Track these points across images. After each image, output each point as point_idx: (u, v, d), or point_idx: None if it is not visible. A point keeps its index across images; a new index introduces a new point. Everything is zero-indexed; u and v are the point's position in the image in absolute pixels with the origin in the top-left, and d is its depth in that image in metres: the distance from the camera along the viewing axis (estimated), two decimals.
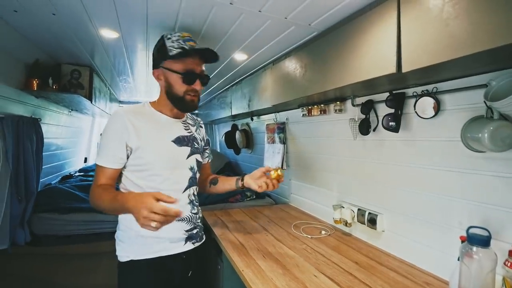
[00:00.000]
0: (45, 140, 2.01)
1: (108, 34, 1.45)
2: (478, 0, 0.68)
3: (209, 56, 1.08)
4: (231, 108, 2.64)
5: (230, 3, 1.07)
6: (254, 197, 2.36)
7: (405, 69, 0.87)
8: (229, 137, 3.32)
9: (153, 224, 0.80)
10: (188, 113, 1.25)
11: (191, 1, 1.08)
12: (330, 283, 1.04)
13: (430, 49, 0.79)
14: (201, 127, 1.30)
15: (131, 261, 1.04)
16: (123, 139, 1.00)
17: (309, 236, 1.51)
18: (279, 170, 1.21)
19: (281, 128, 2.18)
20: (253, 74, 2.08)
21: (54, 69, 2.01)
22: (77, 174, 3.08)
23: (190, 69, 1.04)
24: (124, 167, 1.05)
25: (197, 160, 1.17)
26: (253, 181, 1.23)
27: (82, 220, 1.85)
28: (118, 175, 1.07)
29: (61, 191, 2.02)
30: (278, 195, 2.42)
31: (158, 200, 0.81)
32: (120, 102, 3.88)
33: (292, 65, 1.53)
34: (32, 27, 1.41)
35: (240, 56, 1.71)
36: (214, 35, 1.40)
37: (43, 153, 1.99)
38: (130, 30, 1.40)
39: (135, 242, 1.05)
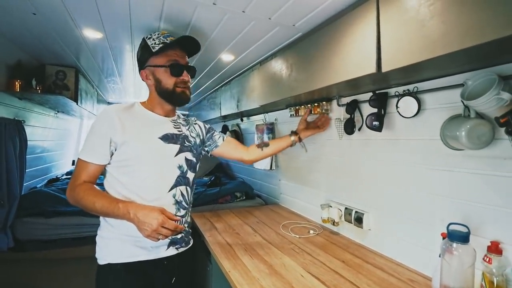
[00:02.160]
0: (30, 143, 1.97)
1: (92, 34, 1.43)
2: (452, 2, 0.70)
3: (191, 45, 1.12)
4: (220, 109, 2.64)
5: (213, 3, 1.07)
6: (244, 198, 2.36)
7: (384, 69, 0.88)
8: None
9: (160, 237, 0.93)
10: (181, 114, 1.24)
11: (174, 1, 1.07)
12: (316, 282, 1.04)
13: (407, 49, 0.81)
14: (195, 124, 1.28)
15: (109, 264, 1.01)
16: (108, 135, 0.99)
17: (297, 236, 1.52)
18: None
19: (270, 128, 2.18)
20: (241, 75, 2.08)
21: (38, 70, 1.97)
22: (64, 177, 3.02)
23: (175, 61, 1.07)
24: (109, 163, 1.03)
25: (186, 159, 1.13)
26: (307, 131, 1.48)
27: (68, 224, 1.82)
28: (101, 173, 1.05)
29: (46, 195, 1.97)
30: (268, 195, 2.42)
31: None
32: (109, 103, 3.83)
33: (278, 66, 1.54)
34: (12, 27, 1.38)
35: (227, 57, 1.71)
36: (199, 36, 1.40)
37: (28, 156, 1.95)
38: (114, 31, 1.38)
39: (114, 245, 1.02)
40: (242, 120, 2.80)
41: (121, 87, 2.86)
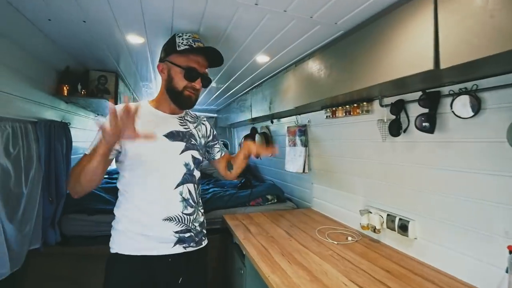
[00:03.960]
0: (74, 144, 2.09)
1: (134, 39, 1.49)
2: None
3: (214, 58, 1.13)
4: (251, 111, 2.63)
5: (256, 4, 1.06)
6: (275, 201, 2.33)
7: (443, 65, 0.81)
8: (249, 140, 3.31)
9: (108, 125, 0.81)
10: (190, 111, 1.23)
11: (216, 3, 1.08)
12: None
13: (471, 43, 0.74)
14: (203, 124, 1.26)
15: (116, 254, 1.04)
16: None
17: (335, 242, 1.46)
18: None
19: (303, 130, 2.14)
20: (274, 76, 2.07)
21: (83, 75, 2.09)
22: None
23: (193, 66, 1.08)
24: (119, 162, 1.07)
25: (193, 157, 1.12)
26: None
27: (108, 221, 1.89)
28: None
29: (89, 193, 2.07)
30: (300, 199, 2.37)
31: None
32: None
33: (316, 66, 1.50)
34: (64, 35, 1.47)
35: (262, 58, 1.70)
36: (237, 38, 1.40)
37: (72, 156, 2.07)
38: (155, 35, 1.42)
39: (123, 236, 1.04)
40: (272, 122, 2.78)
41: (155, 91, 2.96)
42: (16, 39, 1.41)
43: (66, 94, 1.90)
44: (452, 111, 1.03)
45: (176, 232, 1.07)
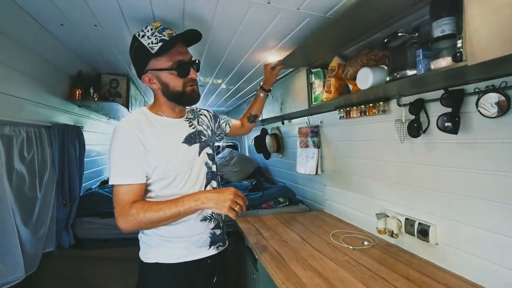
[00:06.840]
0: (86, 147, 2.11)
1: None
2: None
3: (191, 38, 1.01)
4: (262, 113, 2.60)
5: (268, 2, 1.03)
6: (288, 203, 2.29)
7: (471, 61, 0.76)
8: (259, 142, 3.29)
9: (237, 208, 0.93)
10: (187, 107, 1.18)
11: (227, 5, 1.06)
12: None
13: (507, 36, 0.68)
14: (201, 115, 1.22)
15: (156, 263, 1.02)
16: (140, 150, 0.94)
17: (351, 247, 1.41)
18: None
19: (315, 131, 2.09)
20: (285, 77, 2.03)
21: (95, 79, 2.11)
22: None
23: (179, 60, 0.98)
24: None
25: (208, 154, 1.12)
26: (268, 80, 1.53)
27: None
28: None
29: (101, 196, 2.10)
30: (312, 201, 2.32)
31: None
32: None
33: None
34: (76, 40, 1.48)
35: (274, 59, 1.66)
36: (247, 39, 1.37)
37: (85, 159, 2.09)
38: None
39: (161, 246, 1.02)
40: (283, 123, 2.74)
41: None
42: (29, 44, 1.42)
43: (78, 98, 1.92)
44: (478, 110, 0.97)
45: (212, 229, 1.10)
